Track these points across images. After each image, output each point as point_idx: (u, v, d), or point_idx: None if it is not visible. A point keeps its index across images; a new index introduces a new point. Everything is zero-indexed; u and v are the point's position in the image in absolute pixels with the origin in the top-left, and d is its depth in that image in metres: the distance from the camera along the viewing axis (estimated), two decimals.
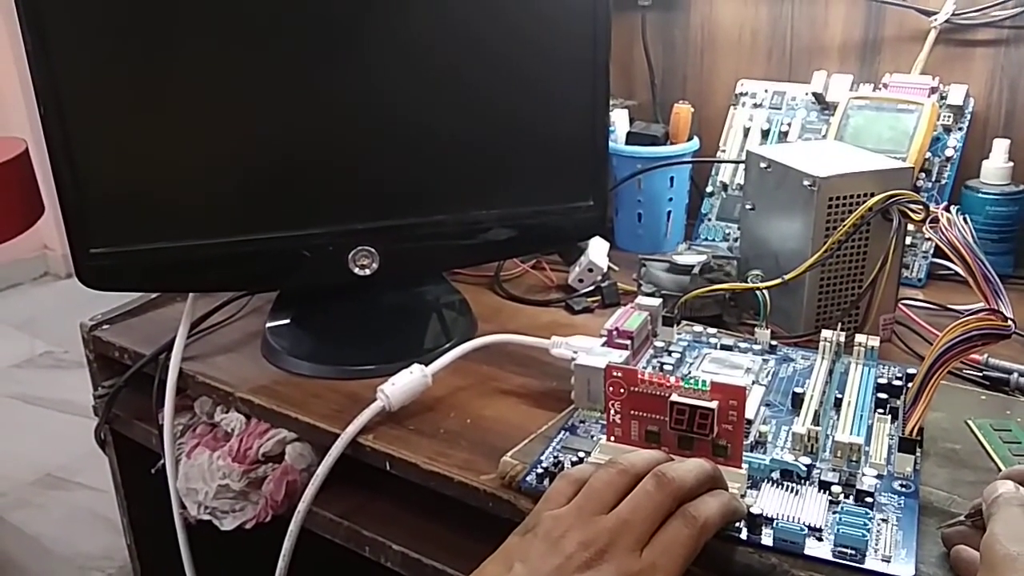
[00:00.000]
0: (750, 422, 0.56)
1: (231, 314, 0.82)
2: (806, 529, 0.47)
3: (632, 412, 0.51)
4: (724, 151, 1.00)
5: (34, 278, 2.76)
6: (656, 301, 0.69)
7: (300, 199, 0.70)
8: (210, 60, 0.65)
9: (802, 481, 0.51)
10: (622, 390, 0.51)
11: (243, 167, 0.69)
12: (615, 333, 0.64)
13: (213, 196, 0.68)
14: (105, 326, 0.82)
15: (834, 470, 0.52)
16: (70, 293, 0.71)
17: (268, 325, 0.77)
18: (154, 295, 0.86)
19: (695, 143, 0.96)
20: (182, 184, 0.67)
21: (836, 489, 0.50)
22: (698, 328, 0.71)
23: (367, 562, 0.64)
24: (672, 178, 0.95)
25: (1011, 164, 0.85)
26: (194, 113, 0.65)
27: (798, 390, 0.59)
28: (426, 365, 0.65)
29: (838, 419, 0.56)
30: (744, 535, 0.47)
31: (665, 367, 0.64)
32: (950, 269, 0.84)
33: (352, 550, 0.64)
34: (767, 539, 0.47)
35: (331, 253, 0.70)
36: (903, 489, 0.50)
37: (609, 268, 0.87)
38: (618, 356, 0.61)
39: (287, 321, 0.78)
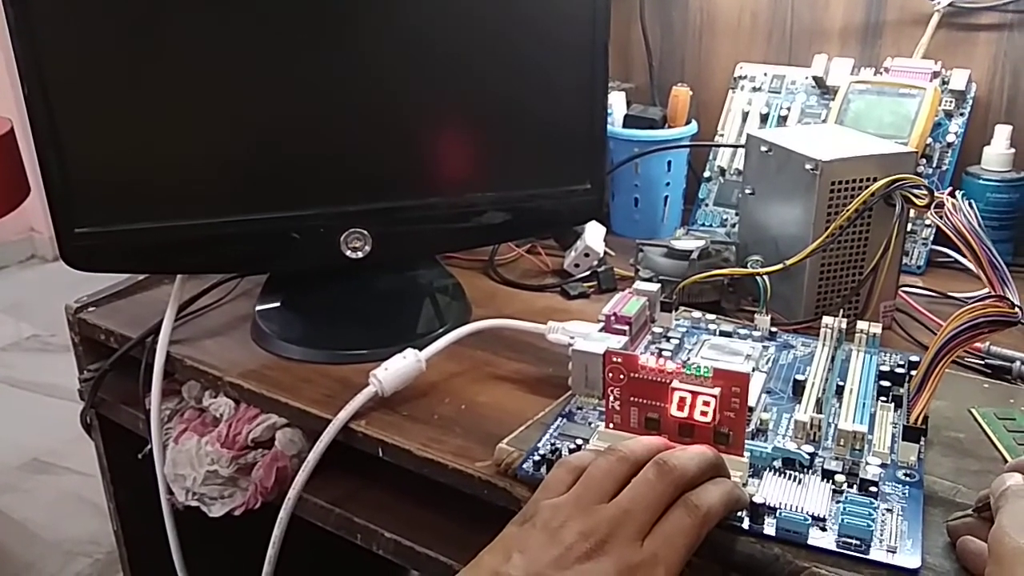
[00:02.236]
0: (751, 410, 0.55)
1: (220, 297, 0.81)
2: (809, 519, 0.46)
3: (632, 399, 0.50)
4: (722, 135, 0.98)
5: (20, 261, 2.73)
6: (654, 286, 0.68)
7: (291, 180, 0.68)
8: (198, 37, 0.63)
9: (805, 470, 0.50)
10: (622, 376, 0.50)
11: (233, 147, 0.67)
12: (613, 318, 0.62)
13: (202, 176, 0.67)
14: (91, 308, 0.81)
15: (837, 459, 0.51)
16: (57, 276, 0.70)
17: (258, 308, 0.76)
18: (141, 277, 0.84)
19: (693, 127, 0.95)
20: (170, 163, 0.65)
21: (840, 478, 0.49)
22: (696, 314, 0.70)
23: (359, 550, 0.63)
24: (670, 162, 0.94)
25: (1013, 150, 0.84)
26: (182, 92, 0.64)
27: (799, 377, 0.58)
28: (420, 350, 0.64)
29: (840, 407, 0.55)
30: (746, 524, 0.46)
31: (664, 353, 0.63)
32: (950, 256, 0.83)
33: (343, 537, 0.63)
34: (770, 529, 0.46)
35: (323, 235, 0.69)
36: (907, 478, 0.49)
37: (605, 253, 0.86)
38: (616, 342, 0.60)
39: (277, 304, 0.77)
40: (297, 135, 0.67)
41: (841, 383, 0.58)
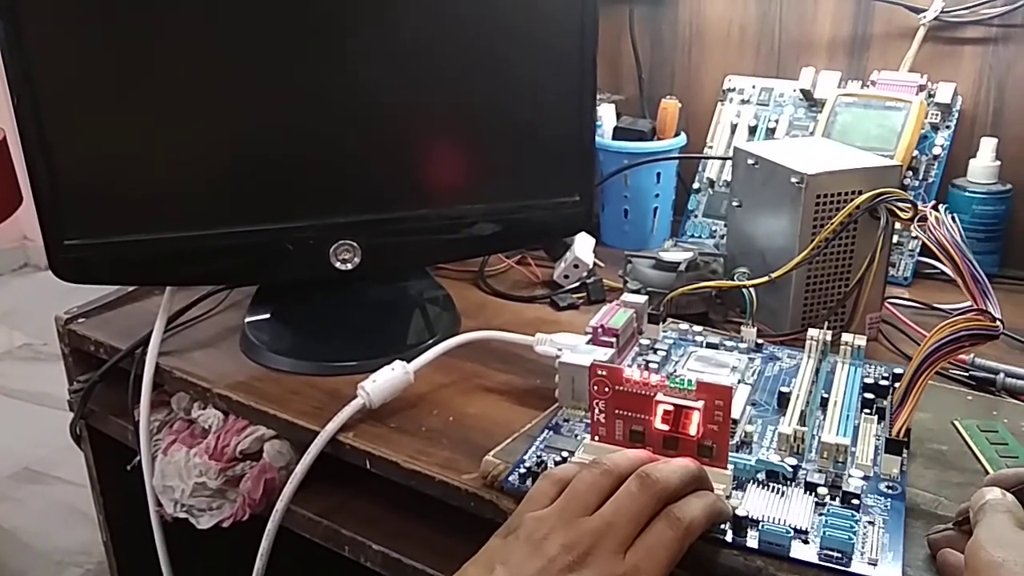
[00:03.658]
0: (736, 422, 0.55)
1: (209, 308, 0.81)
2: (792, 531, 0.46)
3: (616, 411, 0.50)
4: (711, 147, 0.99)
5: (13, 269, 2.72)
6: (642, 298, 0.68)
7: (281, 192, 0.68)
8: (189, 48, 0.63)
9: (788, 482, 0.50)
10: (607, 389, 0.50)
11: (222, 159, 0.67)
12: (600, 331, 0.63)
13: (191, 188, 0.67)
14: (81, 319, 0.81)
15: (820, 471, 0.51)
16: (50, 285, 0.70)
17: (247, 320, 0.76)
18: (131, 288, 0.84)
19: (682, 139, 0.96)
20: (160, 175, 0.66)
21: (822, 491, 0.49)
22: (684, 326, 0.70)
23: (346, 562, 0.63)
24: (659, 174, 0.94)
25: (998, 163, 0.85)
26: (172, 103, 0.64)
27: (784, 389, 0.59)
28: (408, 362, 0.64)
29: (824, 419, 0.56)
30: (729, 537, 0.47)
31: (650, 365, 0.63)
32: (936, 268, 0.84)
33: (331, 550, 0.63)
34: (752, 541, 0.46)
35: (312, 247, 0.69)
36: (889, 491, 0.50)
37: (595, 264, 0.86)
38: (603, 354, 0.60)
39: (267, 316, 0.77)
40: (287, 148, 0.67)
41: (826, 395, 0.58)
